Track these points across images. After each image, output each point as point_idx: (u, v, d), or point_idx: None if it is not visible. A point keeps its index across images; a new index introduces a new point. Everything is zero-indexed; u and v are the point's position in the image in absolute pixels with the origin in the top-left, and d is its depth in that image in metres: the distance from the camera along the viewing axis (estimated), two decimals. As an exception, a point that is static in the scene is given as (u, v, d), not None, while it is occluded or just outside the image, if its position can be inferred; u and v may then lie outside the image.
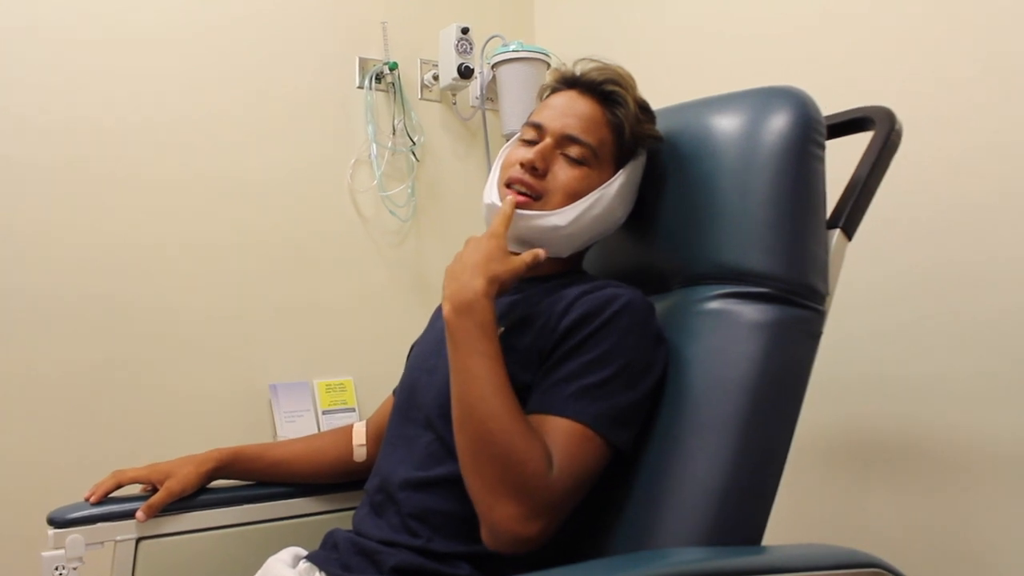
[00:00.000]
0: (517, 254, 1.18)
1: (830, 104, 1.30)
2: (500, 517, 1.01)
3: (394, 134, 2.47)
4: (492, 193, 1.29)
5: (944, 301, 1.62)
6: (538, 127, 1.27)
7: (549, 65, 2.43)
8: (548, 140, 1.25)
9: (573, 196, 1.23)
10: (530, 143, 1.27)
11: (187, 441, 1.61)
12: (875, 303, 1.72)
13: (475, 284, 1.10)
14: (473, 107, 2.62)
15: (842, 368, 1.73)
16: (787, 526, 1.25)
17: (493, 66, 2.49)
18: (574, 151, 1.24)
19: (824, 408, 1.72)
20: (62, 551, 1.30)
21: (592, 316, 1.14)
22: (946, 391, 1.61)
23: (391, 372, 1.56)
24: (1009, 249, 1.54)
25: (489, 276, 1.11)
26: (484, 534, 1.04)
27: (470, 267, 1.13)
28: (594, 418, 1.07)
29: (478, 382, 1.06)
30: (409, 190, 2.48)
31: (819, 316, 1.19)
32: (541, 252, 1.19)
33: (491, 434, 1.02)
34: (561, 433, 1.06)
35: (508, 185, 1.25)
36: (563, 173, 1.24)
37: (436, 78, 2.56)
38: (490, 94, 2.58)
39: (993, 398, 1.55)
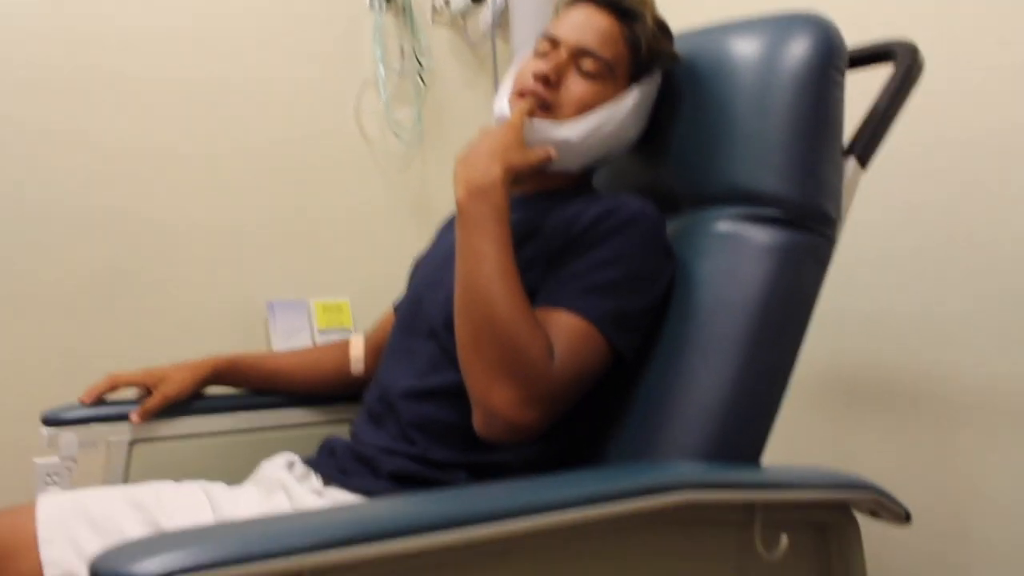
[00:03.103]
0: None
1: (851, 38, 1.28)
2: (497, 400, 1.00)
3: (402, 57, 2.43)
4: (503, 104, 1.26)
5: (941, 238, 1.61)
6: (553, 40, 1.24)
7: (563, -6, 2.39)
8: (563, 53, 1.22)
9: (585, 109, 1.21)
10: (544, 56, 1.24)
11: (182, 353, 1.58)
12: (872, 238, 1.70)
13: (493, 170, 1.09)
14: (484, 34, 2.58)
15: (841, 303, 1.72)
16: (777, 458, 1.25)
17: (506, -8, 2.45)
18: (589, 65, 1.21)
19: (817, 343, 1.72)
20: (55, 459, 1.30)
21: (604, 220, 1.13)
22: (940, 328, 1.61)
23: (389, 296, 1.55)
24: (1012, 189, 1.52)
25: (507, 165, 1.11)
26: (477, 419, 1.03)
27: (486, 154, 1.11)
28: (599, 316, 1.07)
29: (487, 264, 1.05)
30: (415, 114, 2.45)
31: (828, 243, 1.18)
32: (553, 151, 1.18)
33: (495, 316, 1.02)
34: (564, 326, 1.06)
35: (520, 95, 1.23)
36: (576, 86, 1.21)
37: (447, 3, 2.51)
38: (501, 21, 2.54)
39: (986, 335, 1.54)
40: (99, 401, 1.36)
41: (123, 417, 1.35)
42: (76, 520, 1.07)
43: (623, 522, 0.82)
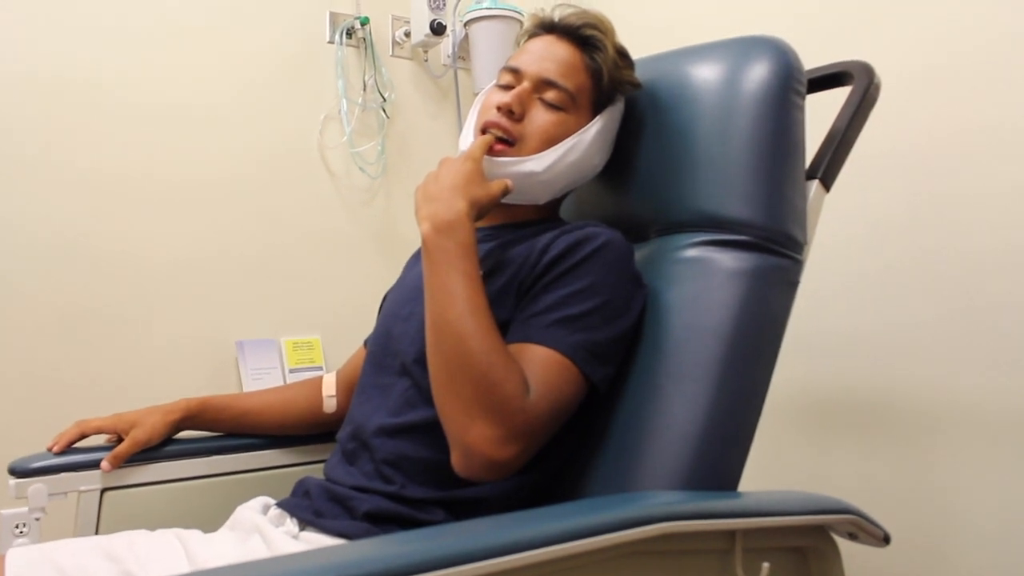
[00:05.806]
0: None
1: (808, 60, 1.29)
2: (474, 439, 0.98)
3: (364, 90, 2.44)
4: (467, 140, 1.27)
5: (905, 256, 1.62)
6: (515, 71, 1.25)
7: (522, 24, 2.39)
8: (526, 84, 1.23)
9: (550, 141, 1.21)
10: (507, 88, 1.25)
11: (151, 396, 1.57)
12: (842, 259, 1.71)
13: (457, 205, 1.08)
14: (445, 65, 2.59)
15: (808, 324, 1.73)
16: (754, 483, 1.25)
17: (466, 24, 2.46)
18: (551, 96, 1.22)
19: (790, 365, 1.72)
20: (24, 509, 1.27)
21: (573, 251, 1.13)
22: (909, 346, 1.62)
23: (359, 331, 1.54)
24: (979, 206, 1.54)
25: (470, 199, 1.10)
26: (456, 458, 1.02)
27: (449, 188, 1.11)
28: (572, 348, 1.06)
29: (458, 300, 1.03)
30: (379, 147, 2.45)
31: (797, 265, 1.18)
32: (510, 183, 1.18)
33: (469, 353, 1.00)
34: (539, 360, 1.05)
35: (484, 131, 1.23)
36: (540, 117, 1.22)
37: (408, 35, 2.52)
38: (462, 52, 2.55)
39: (955, 351, 1.56)
40: (68, 449, 1.34)
41: (94, 465, 1.33)
42: (47, 574, 1.04)
43: (603, 555, 0.81)
